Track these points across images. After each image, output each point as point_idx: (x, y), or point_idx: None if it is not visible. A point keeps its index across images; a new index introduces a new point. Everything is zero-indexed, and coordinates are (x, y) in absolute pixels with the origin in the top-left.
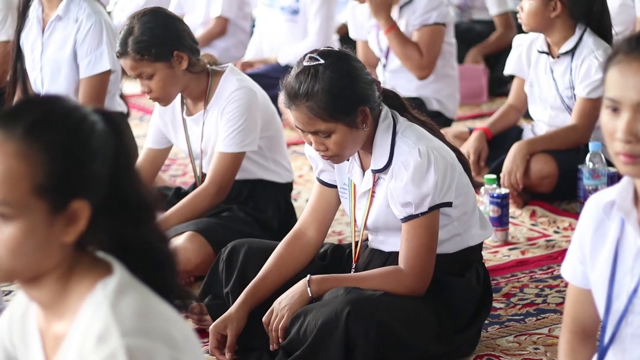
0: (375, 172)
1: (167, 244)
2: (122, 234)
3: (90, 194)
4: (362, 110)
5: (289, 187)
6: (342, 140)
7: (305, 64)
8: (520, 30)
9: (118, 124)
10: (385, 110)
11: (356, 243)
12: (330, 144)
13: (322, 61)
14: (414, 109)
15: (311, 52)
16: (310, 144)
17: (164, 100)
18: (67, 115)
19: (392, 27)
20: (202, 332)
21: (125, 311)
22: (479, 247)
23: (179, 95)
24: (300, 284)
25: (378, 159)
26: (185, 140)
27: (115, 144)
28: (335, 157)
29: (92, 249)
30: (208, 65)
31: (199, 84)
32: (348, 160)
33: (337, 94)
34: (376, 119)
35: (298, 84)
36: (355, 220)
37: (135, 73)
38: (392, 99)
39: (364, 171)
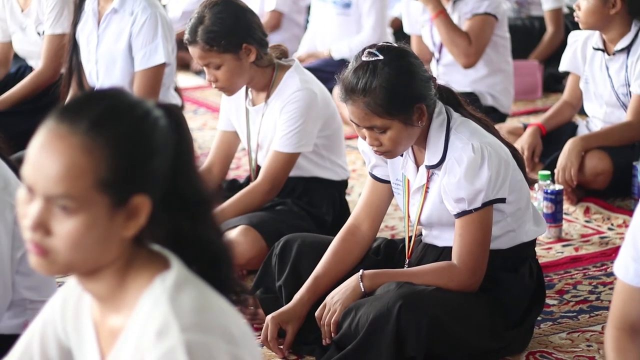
0: (429, 167)
1: (223, 238)
2: (179, 228)
3: (151, 189)
4: (419, 107)
5: (344, 184)
6: (397, 136)
7: (364, 59)
8: (573, 28)
9: (180, 119)
10: (440, 106)
11: (409, 238)
12: (385, 139)
13: (380, 57)
14: (468, 105)
15: (370, 47)
16: (364, 138)
17: (229, 90)
18: (131, 110)
19: (441, 12)
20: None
21: (184, 306)
22: (533, 243)
23: None
24: (353, 279)
25: (432, 155)
26: (246, 128)
27: (176, 139)
28: (389, 152)
29: (148, 242)
30: (276, 60)
31: (264, 76)
32: (402, 155)
33: (395, 91)
34: (431, 115)
35: (356, 79)
36: (408, 216)
37: (203, 62)
38: (447, 95)
39: (417, 167)
